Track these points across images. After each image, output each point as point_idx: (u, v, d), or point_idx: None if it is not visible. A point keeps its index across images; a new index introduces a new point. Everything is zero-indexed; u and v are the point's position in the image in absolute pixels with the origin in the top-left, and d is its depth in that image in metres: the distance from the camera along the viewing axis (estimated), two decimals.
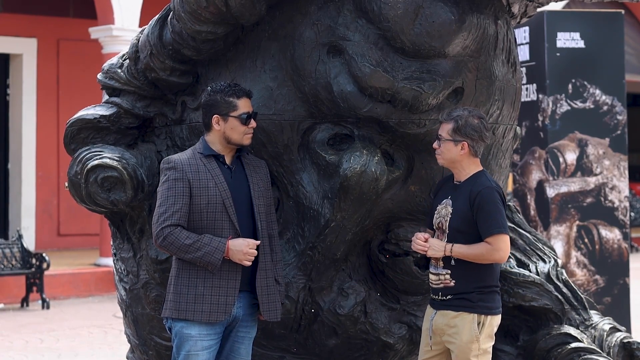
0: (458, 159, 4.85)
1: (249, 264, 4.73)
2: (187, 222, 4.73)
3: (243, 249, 4.69)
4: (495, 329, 4.89)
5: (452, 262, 4.80)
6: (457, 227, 4.79)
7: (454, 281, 4.82)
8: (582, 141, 8.74)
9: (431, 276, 4.92)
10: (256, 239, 4.78)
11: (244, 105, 4.82)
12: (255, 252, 4.74)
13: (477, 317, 4.80)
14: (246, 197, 4.82)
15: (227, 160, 4.86)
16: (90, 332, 10.93)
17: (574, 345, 5.50)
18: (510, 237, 5.80)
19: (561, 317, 5.65)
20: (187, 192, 4.73)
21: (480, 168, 4.92)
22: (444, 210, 4.86)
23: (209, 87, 4.89)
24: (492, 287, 4.86)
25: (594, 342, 5.62)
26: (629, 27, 20.26)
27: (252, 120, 4.84)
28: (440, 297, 4.86)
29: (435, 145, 4.89)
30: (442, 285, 4.85)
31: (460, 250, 4.77)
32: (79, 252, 16.35)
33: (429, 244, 4.82)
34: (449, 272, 4.82)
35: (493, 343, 4.88)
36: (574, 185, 8.72)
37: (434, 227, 4.92)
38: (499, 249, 4.76)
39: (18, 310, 12.87)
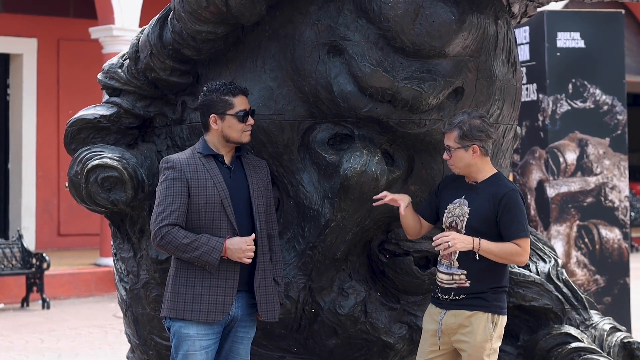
0: (472, 163, 4.83)
1: (249, 261, 4.72)
2: (185, 222, 4.73)
3: (241, 246, 4.69)
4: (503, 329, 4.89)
5: (476, 257, 4.73)
6: (476, 228, 4.74)
7: (469, 282, 4.78)
8: (582, 141, 8.74)
9: (442, 276, 4.85)
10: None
11: (240, 103, 4.82)
12: (254, 247, 4.73)
13: (491, 317, 4.79)
14: (245, 197, 4.82)
15: (227, 159, 4.86)
16: (91, 332, 10.92)
17: (574, 345, 5.50)
18: None
19: (561, 317, 5.65)
20: (185, 192, 4.73)
21: (495, 170, 4.91)
22: (458, 210, 4.81)
23: (204, 87, 4.89)
24: (504, 288, 4.86)
25: (594, 342, 5.62)
26: (626, 29, 20.23)
27: (250, 117, 4.84)
28: (451, 297, 4.82)
29: (445, 156, 4.85)
30: (455, 285, 4.80)
31: (489, 246, 4.70)
32: (79, 252, 16.35)
33: (454, 237, 4.70)
34: (465, 272, 4.78)
35: (500, 343, 4.88)
36: (574, 185, 8.72)
37: (444, 225, 4.87)
38: (524, 251, 4.74)
39: (18, 310, 12.86)
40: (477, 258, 4.75)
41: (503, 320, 4.85)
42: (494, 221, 4.75)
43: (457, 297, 4.80)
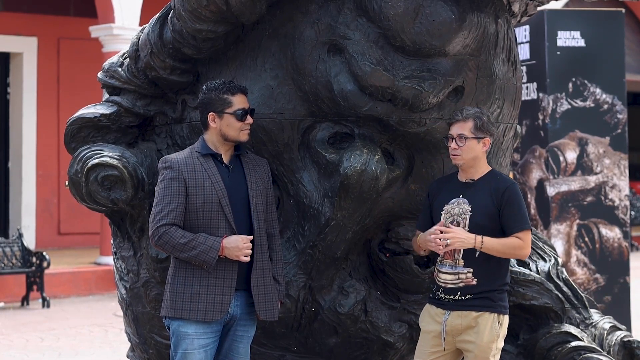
0: (480, 156, 4.85)
1: (248, 259, 4.72)
2: (183, 221, 4.73)
3: (238, 244, 4.69)
4: None
5: (477, 255, 4.73)
6: (480, 224, 4.73)
7: (476, 279, 4.77)
8: (583, 140, 8.74)
9: (445, 276, 4.80)
10: None
11: (239, 102, 4.82)
12: (251, 245, 4.73)
13: (497, 317, 4.78)
14: (243, 196, 4.82)
15: (225, 159, 4.86)
16: (91, 331, 10.93)
17: (574, 344, 5.50)
18: None
19: (561, 315, 5.65)
20: (182, 192, 4.73)
21: (489, 167, 4.93)
22: (458, 209, 4.80)
23: (204, 86, 4.90)
24: (507, 285, 4.88)
25: (594, 341, 5.62)
26: (627, 28, 20.23)
27: (249, 116, 4.84)
28: (456, 297, 4.79)
29: (454, 145, 4.81)
30: (462, 284, 4.77)
31: (492, 243, 4.70)
32: (80, 251, 16.35)
33: (454, 234, 4.68)
34: (471, 270, 4.76)
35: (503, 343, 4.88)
36: (574, 184, 8.72)
37: (445, 227, 4.82)
38: (527, 244, 4.76)
39: (18, 309, 12.86)
40: (477, 256, 4.75)
41: (507, 319, 4.86)
42: (497, 216, 4.76)
43: (463, 298, 4.77)
